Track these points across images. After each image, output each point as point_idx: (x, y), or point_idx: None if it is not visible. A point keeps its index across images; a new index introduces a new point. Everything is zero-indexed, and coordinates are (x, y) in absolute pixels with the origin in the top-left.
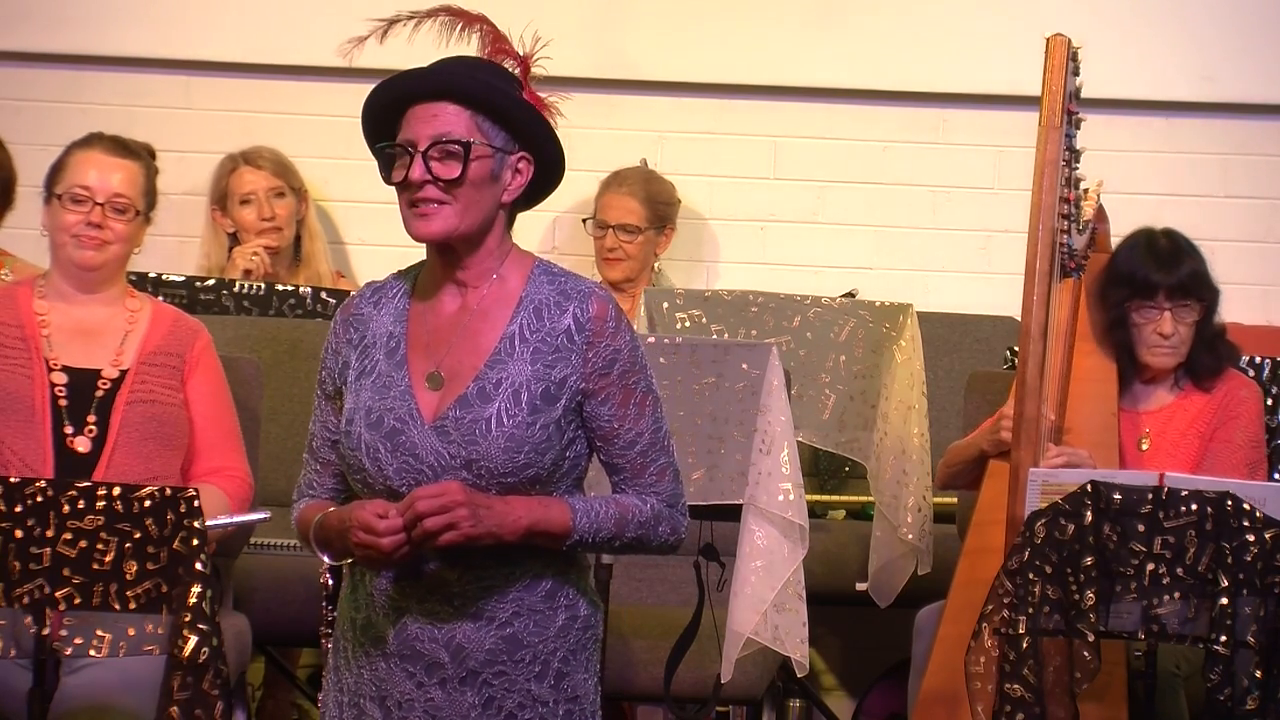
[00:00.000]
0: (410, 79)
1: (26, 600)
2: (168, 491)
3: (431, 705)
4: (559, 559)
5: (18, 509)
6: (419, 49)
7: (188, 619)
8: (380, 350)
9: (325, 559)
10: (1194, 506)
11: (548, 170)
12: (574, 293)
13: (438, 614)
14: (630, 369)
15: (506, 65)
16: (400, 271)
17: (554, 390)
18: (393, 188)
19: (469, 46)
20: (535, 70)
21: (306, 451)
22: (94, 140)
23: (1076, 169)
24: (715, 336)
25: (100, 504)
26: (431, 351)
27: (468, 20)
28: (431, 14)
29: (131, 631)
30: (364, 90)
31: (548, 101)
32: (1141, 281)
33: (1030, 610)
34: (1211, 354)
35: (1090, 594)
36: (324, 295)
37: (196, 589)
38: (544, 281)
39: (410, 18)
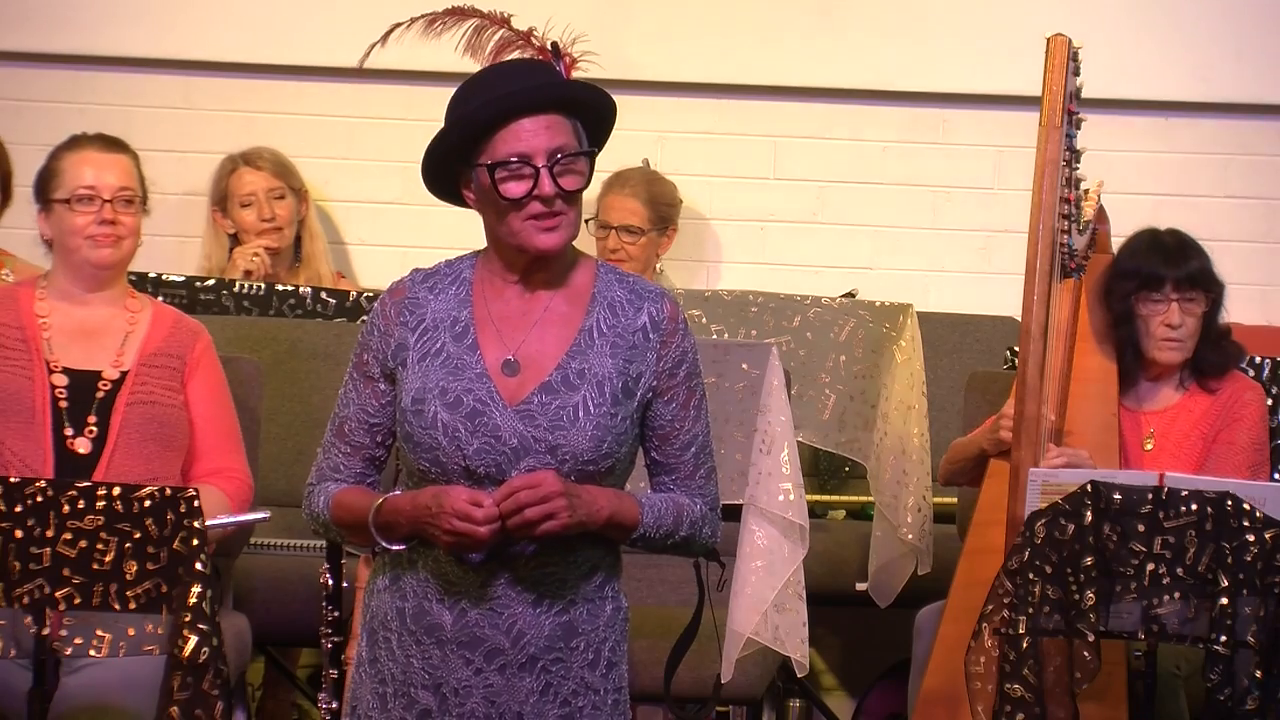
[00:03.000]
0: (517, 95)
1: (26, 600)
2: (168, 491)
3: (490, 691)
4: (610, 552)
5: (18, 509)
6: (424, 50)
7: (188, 619)
8: (445, 333)
9: (383, 544)
10: (1194, 506)
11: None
12: (646, 293)
13: (499, 599)
14: (693, 371)
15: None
16: (450, 260)
17: (631, 385)
18: (398, 193)
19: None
20: (578, 70)
21: (333, 435)
22: (81, 141)
23: (1077, 169)
24: (715, 336)
25: (100, 504)
26: (504, 339)
27: (491, 21)
28: (451, 14)
29: (131, 631)
30: (366, 91)
31: None
32: (1148, 274)
33: (1030, 610)
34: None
35: (1090, 594)
36: (324, 295)
37: (196, 589)
38: (613, 280)
39: (433, 20)
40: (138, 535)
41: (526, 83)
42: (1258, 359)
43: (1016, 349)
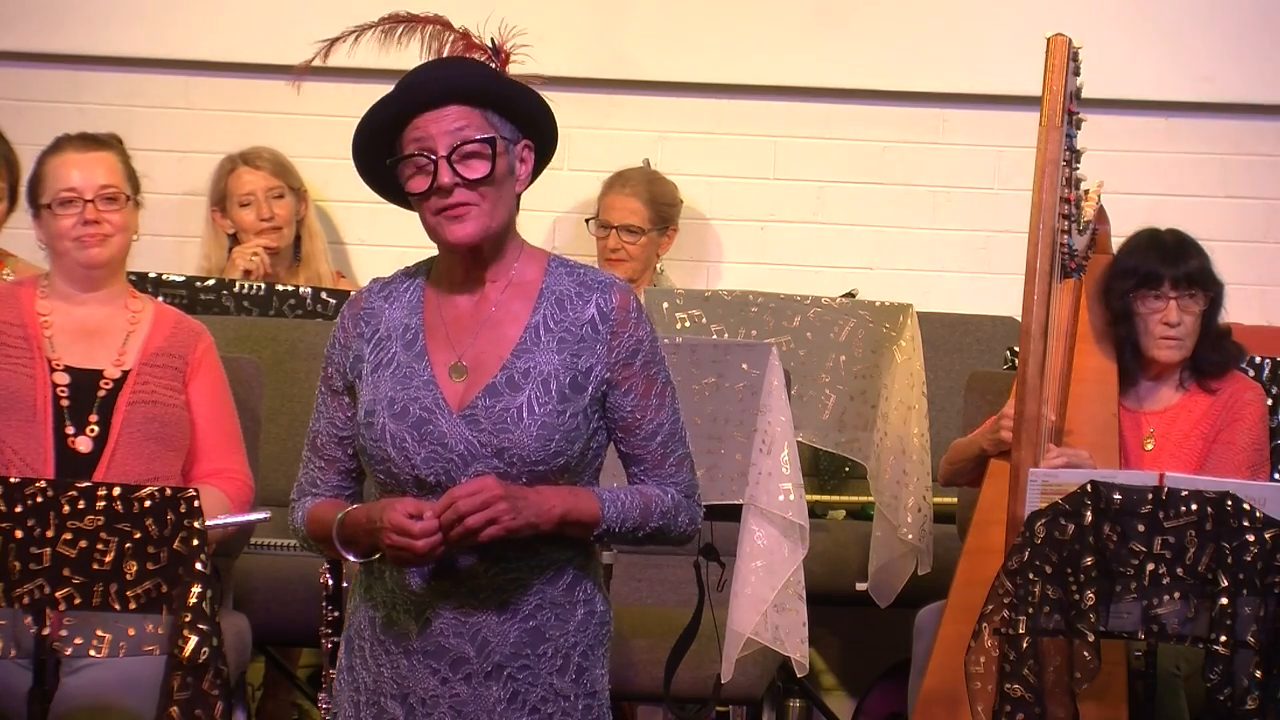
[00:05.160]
0: (409, 91)
1: (26, 600)
2: (168, 492)
3: (457, 701)
4: (580, 553)
5: (18, 509)
6: (413, 51)
7: (188, 619)
8: (397, 342)
9: (350, 557)
10: (1194, 506)
11: (544, 152)
12: (595, 284)
13: (462, 608)
14: (651, 360)
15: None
16: (407, 268)
17: (581, 379)
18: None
19: (423, 49)
20: (515, 63)
21: (308, 449)
22: (63, 143)
23: (1077, 169)
24: (715, 336)
25: (100, 504)
26: (452, 342)
27: (420, 22)
28: (384, 23)
29: (131, 631)
30: (365, 90)
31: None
32: (1147, 272)
33: (1030, 610)
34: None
35: (1090, 594)
36: (324, 295)
37: (196, 589)
38: (563, 274)
39: (354, 31)
40: (138, 535)
41: (426, 78)
42: (1258, 359)
43: (1016, 349)
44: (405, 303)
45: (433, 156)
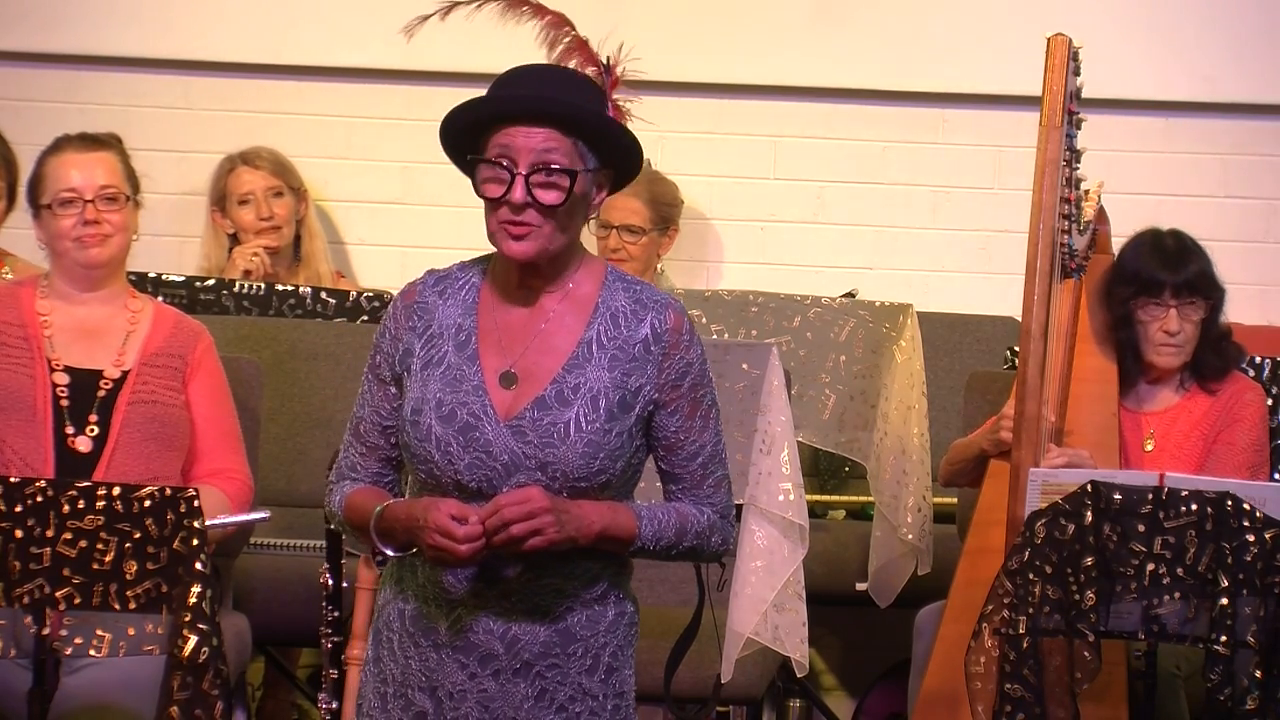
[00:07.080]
0: (511, 103)
1: (26, 600)
2: (168, 491)
3: (485, 696)
4: (613, 561)
5: (18, 509)
6: (425, 50)
7: (188, 619)
8: (449, 341)
9: (386, 551)
10: (1194, 507)
11: (622, 179)
12: (651, 302)
13: (494, 607)
14: (700, 382)
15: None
16: (465, 263)
17: (629, 399)
18: (398, 193)
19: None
20: (634, 72)
21: (350, 434)
22: (63, 143)
23: (1077, 169)
24: (715, 336)
25: (100, 504)
26: (505, 350)
27: (545, 15)
28: (517, 4)
29: (131, 631)
30: (366, 91)
31: (625, 107)
32: (1148, 279)
33: (1030, 610)
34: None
35: (1090, 594)
36: (324, 295)
37: (196, 589)
38: (619, 289)
39: (510, 5)
40: (138, 535)
41: (539, 91)
42: (1258, 359)
43: (1016, 349)
44: (460, 301)
45: (513, 170)
